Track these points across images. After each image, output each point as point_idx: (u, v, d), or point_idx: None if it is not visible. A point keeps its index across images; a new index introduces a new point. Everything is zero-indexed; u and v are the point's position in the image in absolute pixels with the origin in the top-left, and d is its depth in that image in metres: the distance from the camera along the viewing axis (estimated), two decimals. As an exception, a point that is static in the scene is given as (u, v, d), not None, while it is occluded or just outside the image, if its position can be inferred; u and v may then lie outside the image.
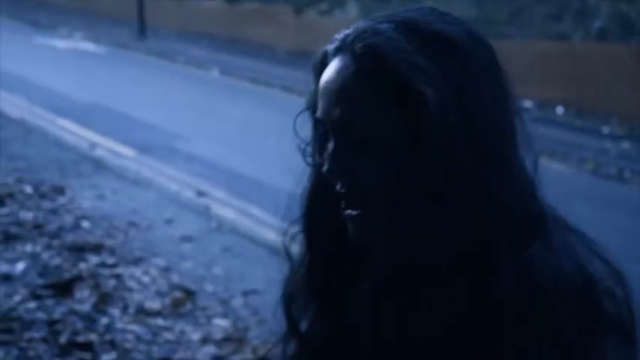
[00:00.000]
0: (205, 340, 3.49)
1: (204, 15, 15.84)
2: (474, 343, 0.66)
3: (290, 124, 0.80)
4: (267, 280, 4.43)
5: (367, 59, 0.69)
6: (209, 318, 3.72)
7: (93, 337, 3.39)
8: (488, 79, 0.69)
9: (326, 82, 0.72)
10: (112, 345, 3.35)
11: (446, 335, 0.67)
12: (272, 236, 4.96)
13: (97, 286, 3.91)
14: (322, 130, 0.76)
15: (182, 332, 3.56)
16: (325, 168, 0.73)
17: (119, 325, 3.55)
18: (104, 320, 3.57)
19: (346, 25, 0.74)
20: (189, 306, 3.82)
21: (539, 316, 0.64)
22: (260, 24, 14.70)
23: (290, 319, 0.85)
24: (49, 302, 3.68)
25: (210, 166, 6.66)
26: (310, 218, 0.80)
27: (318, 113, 0.74)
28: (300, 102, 0.82)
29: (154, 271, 4.23)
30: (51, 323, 3.47)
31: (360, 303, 0.75)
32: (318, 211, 0.78)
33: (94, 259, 4.29)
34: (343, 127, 0.71)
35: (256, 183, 6.09)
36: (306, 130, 0.82)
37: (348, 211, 0.72)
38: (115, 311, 3.67)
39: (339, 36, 0.74)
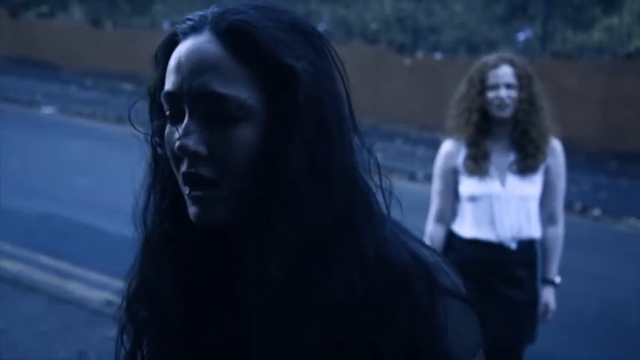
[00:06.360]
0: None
1: None
2: (352, 314, 0.70)
3: (16, 137, 0.70)
4: (10, 317, 3.83)
5: (233, 35, 0.70)
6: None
7: None
8: (331, 65, 0.74)
9: (183, 57, 0.71)
10: None
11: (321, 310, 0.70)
12: (10, 266, 4.51)
13: None
14: (172, 108, 0.72)
15: None
16: (177, 145, 0.70)
17: None
18: None
19: (73, 27, 0.68)
20: None
21: (400, 291, 0.71)
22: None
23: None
24: None
25: None
26: (150, 212, 0.77)
27: (170, 87, 0.72)
28: (26, 113, 0.72)
29: None
30: None
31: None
32: (160, 200, 0.76)
33: None
34: (203, 98, 0.70)
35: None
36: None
37: (194, 193, 0.71)
38: None
39: (193, 17, 0.74)
